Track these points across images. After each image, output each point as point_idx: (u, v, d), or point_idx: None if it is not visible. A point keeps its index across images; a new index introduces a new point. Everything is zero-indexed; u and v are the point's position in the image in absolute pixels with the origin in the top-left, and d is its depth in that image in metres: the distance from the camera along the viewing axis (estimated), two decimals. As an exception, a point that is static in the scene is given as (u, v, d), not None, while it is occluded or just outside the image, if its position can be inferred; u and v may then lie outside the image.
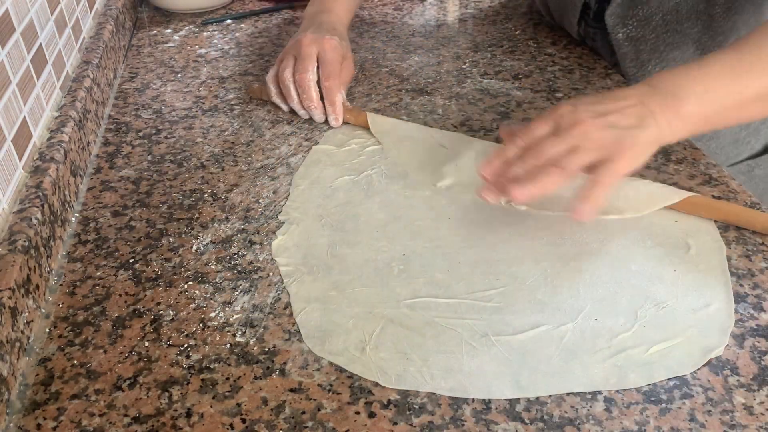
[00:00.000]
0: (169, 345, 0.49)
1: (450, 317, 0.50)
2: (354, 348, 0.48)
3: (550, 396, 0.44)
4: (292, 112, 0.77)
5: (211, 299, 0.53)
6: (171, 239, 0.59)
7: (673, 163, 0.67)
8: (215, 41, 0.99)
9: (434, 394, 0.45)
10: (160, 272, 0.56)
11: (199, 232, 0.60)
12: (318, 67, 0.74)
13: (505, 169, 0.55)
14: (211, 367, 0.47)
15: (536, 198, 0.53)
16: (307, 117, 0.75)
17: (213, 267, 0.56)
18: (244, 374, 0.46)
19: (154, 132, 0.76)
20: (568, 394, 0.44)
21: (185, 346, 0.49)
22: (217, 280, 0.55)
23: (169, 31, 1.03)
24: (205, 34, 1.01)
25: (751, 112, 0.58)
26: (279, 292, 0.53)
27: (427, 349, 0.48)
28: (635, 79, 0.81)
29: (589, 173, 0.53)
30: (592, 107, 0.55)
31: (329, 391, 0.45)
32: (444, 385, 0.45)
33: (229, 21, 1.05)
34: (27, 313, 0.49)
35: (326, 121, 0.75)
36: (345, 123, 0.74)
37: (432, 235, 0.58)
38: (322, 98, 0.74)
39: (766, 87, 0.55)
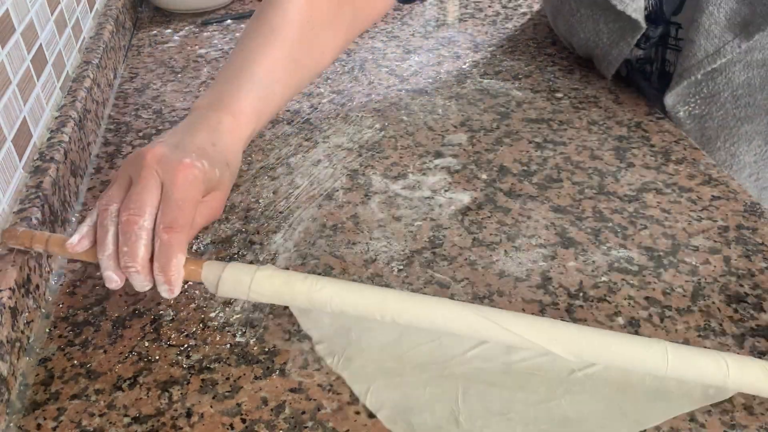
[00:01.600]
0: (169, 345, 0.49)
1: (525, 359, 0.46)
2: (447, 422, 0.42)
3: (550, 396, 0.44)
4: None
5: (211, 299, 0.53)
6: (171, 239, 0.59)
7: (673, 163, 0.67)
8: (215, 41, 0.99)
9: (434, 394, 0.44)
10: (160, 272, 0.56)
11: (199, 232, 0.60)
12: (160, 206, 0.46)
13: None
14: (211, 367, 0.47)
15: None
16: (118, 284, 0.47)
17: (213, 267, 0.56)
18: (244, 374, 0.46)
19: (154, 132, 0.76)
20: (568, 394, 0.44)
21: (185, 346, 0.49)
22: (217, 280, 0.55)
23: (169, 31, 1.03)
24: (205, 34, 1.01)
25: None
26: (279, 292, 0.53)
27: (522, 402, 0.43)
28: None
29: None
30: None
31: (329, 391, 0.45)
32: None
33: (229, 21, 1.05)
34: (27, 313, 0.49)
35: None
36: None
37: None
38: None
39: None
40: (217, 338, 0.49)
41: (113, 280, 0.46)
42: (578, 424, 0.42)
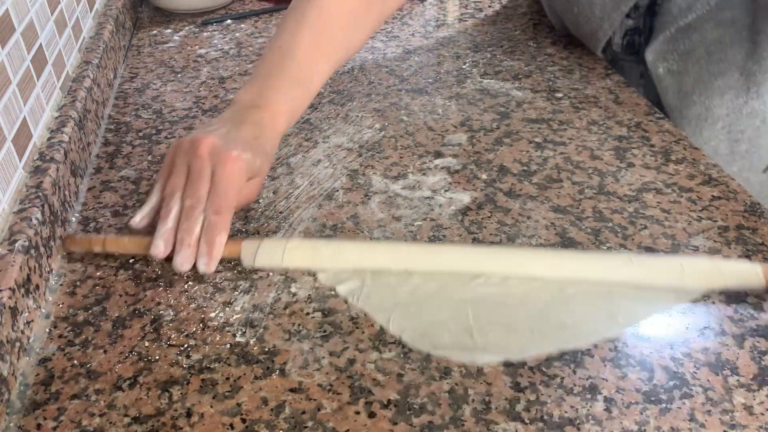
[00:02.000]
0: (169, 345, 0.49)
1: (522, 283, 0.53)
2: (463, 336, 0.49)
3: (550, 396, 0.44)
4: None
5: (211, 299, 0.53)
6: (171, 239, 0.59)
7: (673, 163, 0.67)
8: (215, 41, 0.99)
9: (434, 393, 0.45)
10: (160, 272, 0.56)
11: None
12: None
13: None
14: (211, 367, 0.47)
15: None
16: (161, 256, 0.54)
17: (213, 267, 0.56)
18: (244, 374, 0.46)
19: (154, 132, 0.76)
20: (568, 394, 0.44)
21: (185, 346, 0.49)
22: (217, 280, 0.55)
23: (169, 31, 1.03)
24: (205, 34, 1.01)
25: None
26: (279, 292, 0.53)
27: (524, 315, 0.50)
28: (678, 111, 0.81)
29: None
30: None
31: (329, 391, 0.45)
32: (563, 341, 0.48)
33: (229, 21, 1.05)
34: (27, 313, 0.49)
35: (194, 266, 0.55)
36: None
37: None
38: None
39: None
40: (217, 338, 0.49)
41: (159, 248, 0.54)
42: (574, 327, 0.49)
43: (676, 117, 0.81)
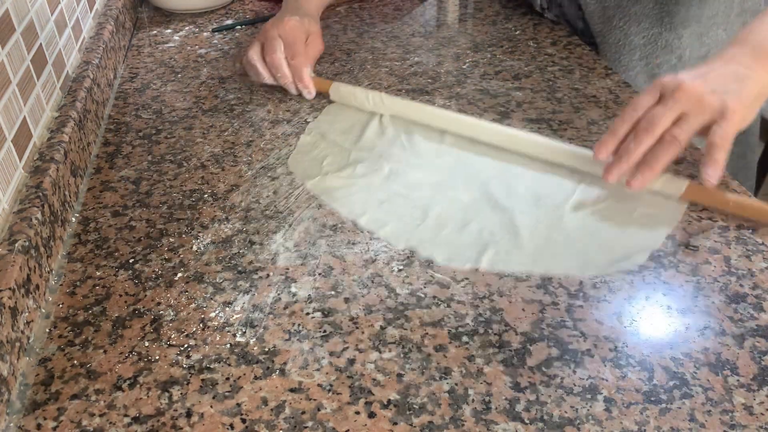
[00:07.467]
0: (169, 345, 0.49)
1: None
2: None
3: (550, 396, 0.44)
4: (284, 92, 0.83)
5: (211, 299, 0.53)
6: (171, 239, 0.59)
7: (672, 163, 0.67)
8: (215, 41, 0.99)
9: (434, 393, 0.45)
10: (160, 272, 0.56)
11: (199, 232, 0.60)
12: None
13: (617, 145, 0.59)
14: (211, 367, 0.47)
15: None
16: (291, 90, 0.81)
17: (213, 267, 0.56)
18: (244, 374, 0.46)
19: (154, 132, 0.76)
20: (568, 394, 0.44)
21: (185, 346, 0.49)
22: (217, 280, 0.55)
23: (169, 31, 1.03)
24: (204, 34, 1.01)
25: None
26: (279, 292, 0.53)
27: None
28: (602, 36, 0.90)
29: (702, 136, 0.58)
30: (692, 73, 0.59)
31: (329, 391, 0.45)
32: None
33: (229, 21, 1.05)
34: (27, 313, 0.49)
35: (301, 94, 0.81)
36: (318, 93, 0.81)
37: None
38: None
39: None
40: (217, 338, 0.49)
41: (263, 76, 0.82)
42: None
43: (601, 42, 0.89)
